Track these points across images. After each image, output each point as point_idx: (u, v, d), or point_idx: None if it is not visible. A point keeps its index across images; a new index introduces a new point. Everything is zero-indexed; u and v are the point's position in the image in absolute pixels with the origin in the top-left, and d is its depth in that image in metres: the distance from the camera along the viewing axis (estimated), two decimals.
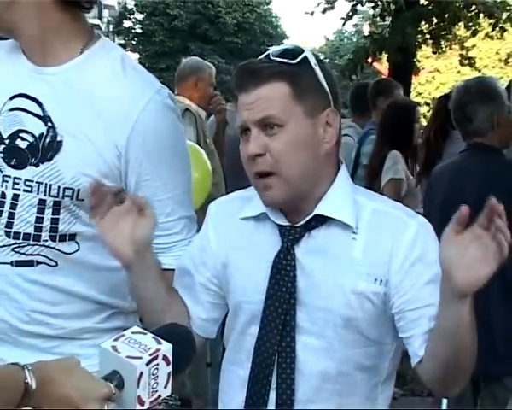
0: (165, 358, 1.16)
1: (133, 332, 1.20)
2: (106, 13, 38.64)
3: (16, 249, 1.61)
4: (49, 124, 1.59)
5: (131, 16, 32.70)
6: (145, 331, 1.20)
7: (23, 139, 1.61)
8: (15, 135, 1.61)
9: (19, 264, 1.61)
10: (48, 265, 1.62)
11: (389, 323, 1.50)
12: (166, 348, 1.16)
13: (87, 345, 1.65)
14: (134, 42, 32.43)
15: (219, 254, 1.59)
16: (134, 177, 1.61)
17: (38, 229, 1.60)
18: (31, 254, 1.61)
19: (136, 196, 1.52)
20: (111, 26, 36.15)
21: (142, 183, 1.62)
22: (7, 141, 1.61)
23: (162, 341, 1.17)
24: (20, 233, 1.60)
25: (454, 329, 1.34)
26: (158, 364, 1.15)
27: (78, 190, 1.58)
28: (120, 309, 1.72)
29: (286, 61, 1.45)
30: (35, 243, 1.60)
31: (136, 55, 33.00)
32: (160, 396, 1.17)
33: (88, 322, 1.68)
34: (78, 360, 1.20)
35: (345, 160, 1.62)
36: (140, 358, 1.14)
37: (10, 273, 1.61)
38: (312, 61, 1.48)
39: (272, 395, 1.49)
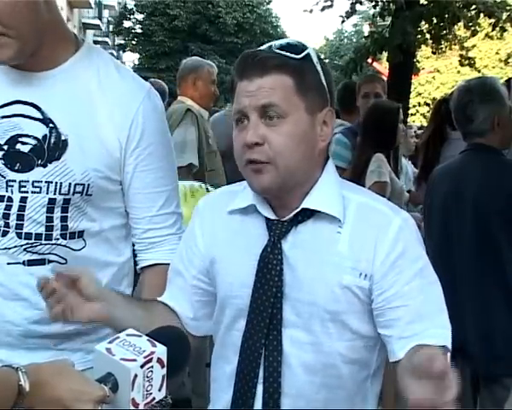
0: (159, 360, 1.15)
1: (128, 335, 1.20)
2: (106, 13, 38.70)
3: (28, 249, 1.64)
4: (51, 125, 1.62)
5: (131, 16, 32.77)
6: (140, 334, 1.20)
7: (24, 143, 1.62)
8: (14, 140, 1.63)
9: (31, 263, 1.64)
10: (59, 263, 1.65)
11: (372, 316, 1.50)
12: (161, 350, 1.16)
13: (90, 340, 1.68)
14: (134, 42, 32.49)
15: (207, 250, 1.58)
16: (131, 168, 1.69)
17: (50, 228, 1.64)
18: (43, 253, 1.64)
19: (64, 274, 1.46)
20: (111, 26, 36.21)
21: (137, 174, 1.69)
22: (5, 147, 1.63)
23: (157, 343, 1.17)
24: (31, 234, 1.63)
25: None
26: (152, 366, 1.15)
27: (89, 185, 1.63)
28: (111, 289, 1.73)
29: (290, 55, 1.45)
30: (47, 241, 1.64)
31: (136, 55, 33.11)
32: (154, 399, 1.16)
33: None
34: (72, 363, 1.20)
35: None
36: (134, 360, 1.14)
37: (22, 273, 1.64)
38: (314, 58, 1.48)
39: (259, 389, 1.48)
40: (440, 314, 1.48)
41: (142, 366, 1.13)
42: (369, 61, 9.57)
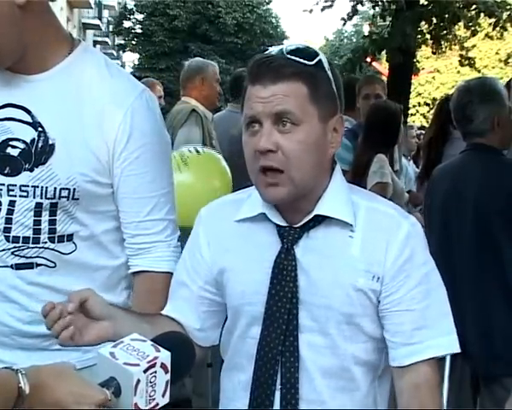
0: (163, 366, 1.15)
1: (132, 339, 1.19)
2: (106, 13, 38.65)
3: (16, 253, 1.63)
4: (40, 129, 1.61)
5: (131, 16, 32.71)
6: (144, 339, 1.19)
7: (14, 147, 1.62)
8: (5, 144, 1.62)
9: (19, 267, 1.63)
10: (47, 266, 1.64)
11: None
12: (165, 355, 1.15)
13: None
14: (134, 42, 32.44)
15: (214, 260, 1.57)
16: (118, 172, 1.65)
17: (37, 231, 1.62)
18: (30, 257, 1.63)
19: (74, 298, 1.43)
20: (111, 26, 36.17)
21: (124, 178, 1.66)
22: None
23: (161, 348, 1.16)
24: (19, 237, 1.62)
25: None
26: (156, 371, 1.14)
27: (74, 189, 1.61)
28: (115, 305, 1.72)
29: (304, 61, 1.45)
30: (34, 245, 1.62)
31: (136, 55, 33.08)
32: (157, 404, 1.16)
33: None
34: (74, 366, 1.19)
35: None
36: (137, 365, 1.13)
37: (10, 276, 1.63)
38: (326, 64, 1.48)
39: (277, 396, 1.48)
40: (445, 319, 1.51)
41: (145, 371, 1.13)
42: (369, 60, 9.55)
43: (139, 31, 31.97)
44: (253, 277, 1.51)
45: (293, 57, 1.44)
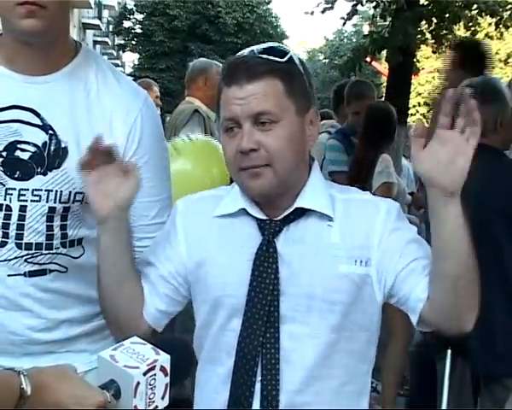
0: (162, 369, 1.15)
1: (132, 342, 1.20)
2: (106, 13, 38.63)
3: (29, 260, 1.61)
4: (51, 132, 1.60)
5: (131, 16, 32.76)
6: (144, 342, 1.20)
7: (23, 150, 1.59)
8: (13, 147, 1.59)
9: (32, 274, 1.61)
10: (59, 272, 1.63)
11: (376, 308, 1.55)
12: (164, 358, 1.16)
13: (94, 341, 1.69)
14: (134, 42, 32.49)
15: (191, 253, 1.58)
16: None
17: (50, 237, 1.62)
18: (44, 264, 1.62)
19: (124, 160, 1.54)
20: (111, 26, 36.18)
21: None
22: (4, 153, 1.59)
23: (161, 352, 1.17)
24: (31, 244, 1.60)
25: (450, 234, 1.44)
26: (155, 374, 1.15)
27: None
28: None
29: (276, 59, 1.48)
30: (48, 251, 1.61)
31: (136, 55, 33.11)
32: (157, 407, 1.16)
33: (97, 322, 1.71)
34: (74, 368, 1.20)
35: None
36: (137, 367, 1.14)
37: (23, 284, 1.61)
38: (297, 60, 1.52)
39: (257, 387, 1.49)
40: None
41: (144, 374, 1.13)
42: (368, 60, 9.56)
43: (139, 31, 32.01)
44: (234, 269, 1.53)
45: (265, 56, 1.48)
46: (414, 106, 26.61)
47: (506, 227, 2.59)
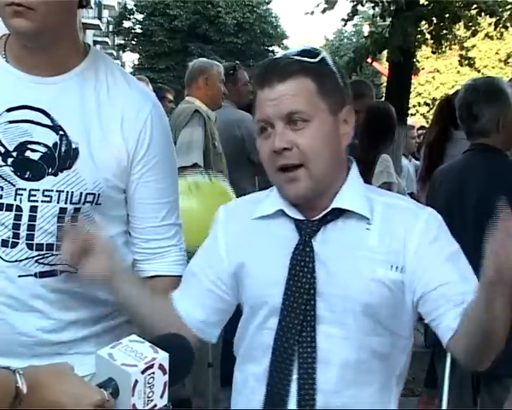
0: (161, 367, 1.14)
1: (130, 340, 1.19)
2: (106, 13, 38.60)
3: (40, 261, 1.60)
4: (61, 132, 1.59)
5: (131, 16, 32.76)
6: (143, 340, 1.19)
7: (34, 151, 1.58)
8: (23, 147, 1.58)
9: (43, 275, 1.61)
10: (69, 272, 1.62)
11: (408, 315, 1.54)
12: (163, 357, 1.15)
13: (102, 342, 1.64)
14: (134, 42, 32.50)
15: (232, 257, 1.61)
16: (136, 178, 1.67)
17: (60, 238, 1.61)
18: (54, 264, 1.61)
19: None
20: (111, 26, 36.17)
21: (142, 184, 1.68)
22: (14, 154, 1.58)
23: (159, 350, 1.16)
24: (42, 244, 1.60)
25: (496, 318, 1.39)
26: (154, 373, 1.14)
27: (99, 194, 1.62)
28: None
29: (307, 59, 1.49)
30: (58, 252, 1.60)
31: (136, 55, 33.12)
32: (156, 405, 1.15)
33: (106, 323, 1.71)
34: (72, 366, 1.19)
35: None
36: (135, 366, 1.13)
37: (34, 285, 1.61)
38: (330, 61, 1.54)
39: (293, 386, 1.50)
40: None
41: (142, 372, 1.12)
42: (369, 60, 9.56)
43: (139, 31, 32.02)
44: (273, 269, 1.54)
45: (297, 57, 1.49)
46: (414, 106, 26.64)
47: None
